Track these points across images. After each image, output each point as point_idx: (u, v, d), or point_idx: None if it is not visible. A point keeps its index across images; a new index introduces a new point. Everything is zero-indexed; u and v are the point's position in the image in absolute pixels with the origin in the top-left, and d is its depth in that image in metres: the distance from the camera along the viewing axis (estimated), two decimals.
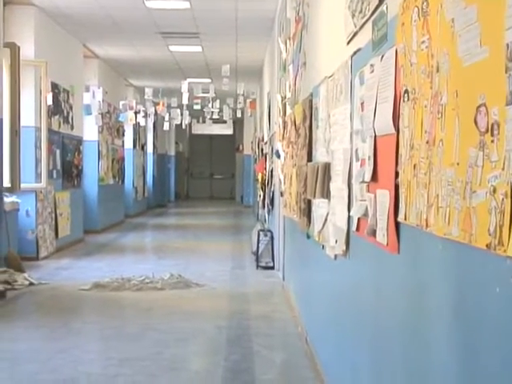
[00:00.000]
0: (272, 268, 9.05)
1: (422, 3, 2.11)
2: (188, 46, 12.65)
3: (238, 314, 6.43)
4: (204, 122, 18.63)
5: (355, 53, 3.34)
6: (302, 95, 5.68)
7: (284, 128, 7.31)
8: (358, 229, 3.17)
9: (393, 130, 2.48)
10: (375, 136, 2.78)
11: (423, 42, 2.10)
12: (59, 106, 10.86)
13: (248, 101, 14.60)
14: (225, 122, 17.88)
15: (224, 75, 11.81)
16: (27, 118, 9.41)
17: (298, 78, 6.18)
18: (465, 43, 1.73)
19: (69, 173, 11.52)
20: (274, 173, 9.35)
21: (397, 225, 2.46)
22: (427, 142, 2.05)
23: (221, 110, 15.48)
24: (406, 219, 2.30)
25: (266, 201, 11.04)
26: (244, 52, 13.11)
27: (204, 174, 30.25)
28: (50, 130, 10.16)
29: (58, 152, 10.83)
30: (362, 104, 3.02)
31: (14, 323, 5.96)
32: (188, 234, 14.15)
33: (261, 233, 9.46)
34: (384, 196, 2.61)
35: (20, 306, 6.81)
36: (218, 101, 14.95)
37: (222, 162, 29.69)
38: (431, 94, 2.01)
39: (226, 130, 27.10)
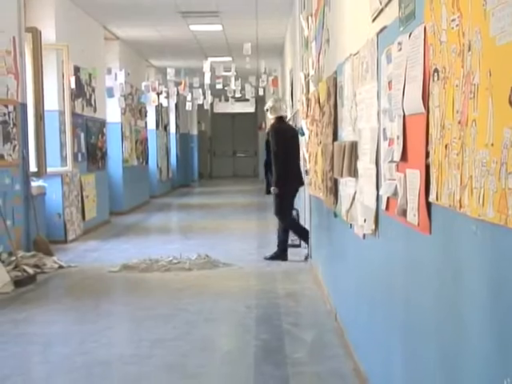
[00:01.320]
0: (298, 246, 9.05)
1: None
2: (208, 25, 12.60)
3: (267, 293, 6.45)
4: (227, 100, 18.59)
5: (381, 30, 3.31)
6: (326, 73, 5.65)
7: (308, 106, 7.27)
8: (387, 208, 3.16)
9: (422, 110, 2.46)
10: (404, 115, 2.76)
11: (453, 20, 2.07)
12: (82, 89, 10.90)
13: (270, 78, 14.54)
14: (247, 100, 17.83)
15: (245, 54, 11.76)
16: (51, 102, 9.47)
17: (321, 56, 6.13)
18: (497, 22, 1.70)
19: (93, 155, 11.59)
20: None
21: (428, 205, 2.45)
22: (459, 123, 2.03)
23: (243, 89, 15.43)
24: (437, 200, 2.29)
25: None
26: (265, 29, 13.03)
27: (227, 153, 30.23)
28: (73, 114, 10.21)
29: (82, 135, 10.89)
30: (390, 83, 3.00)
31: (45, 307, 6.04)
32: (213, 213, 14.18)
33: None
34: (414, 176, 2.59)
35: (51, 290, 6.90)
36: (239, 79, 14.90)
37: (244, 140, 29.63)
38: (463, 74, 1.99)
39: (248, 107, 26.99)
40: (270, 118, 8.51)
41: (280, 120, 8.43)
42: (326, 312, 5.62)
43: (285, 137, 8.17)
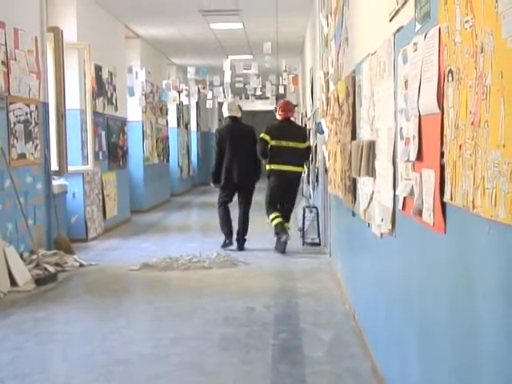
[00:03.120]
0: (318, 245, 9.07)
1: None
2: (229, 24, 12.63)
3: (286, 292, 6.48)
4: (247, 98, 18.63)
5: (398, 30, 3.32)
6: (345, 72, 5.66)
7: (327, 104, 7.29)
8: (403, 208, 3.18)
9: (437, 110, 2.47)
10: (420, 115, 2.77)
11: (467, 21, 2.08)
12: (103, 87, 10.99)
13: (290, 76, 14.56)
14: (267, 98, 17.86)
15: (266, 52, 11.79)
16: (72, 100, 9.56)
17: (340, 54, 6.14)
18: (508, 24, 1.72)
19: (114, 154, 11.68)
20: (318, 149, 9.34)
21: (443, 205, 2.46)
22: (472, 123, 2.04)
23: (263, 87, 15.46)
24: (452, 200, 2.30)
25: (311, 177, 11.04)
26: (285, 27, 13.04)
27: None
28: (94, 112, 10.30)
29: (103, 133, 10.98)
30: (406, 82, 3.01)
31: (66, 305, 6.12)
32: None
33: (306, 209, 9.48)
34: (429, 176, 2.61)
35: (71, 288, 6.97)
36: (260, 77, 14.93)
37: None
38: (476, 75, 2.00)
39: (269, 105, 26.97)
40: (224, 118, 9.40)
41: (232, 120, 9.16)
42: (345, 311, 5.64)
43: (228, 137, 8.96)
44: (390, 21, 3.53)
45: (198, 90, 15.63)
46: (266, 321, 5.47)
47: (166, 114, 16.81)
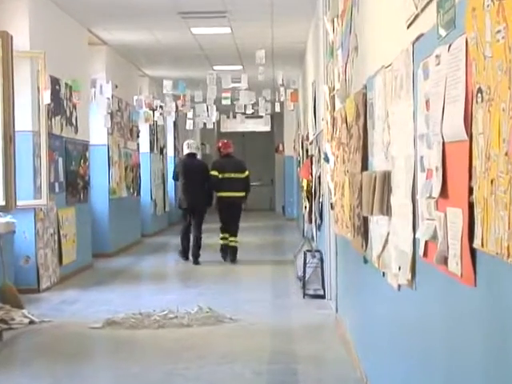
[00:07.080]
0: (322, 297, 9.06)
1: None
2: (214, 28, 12.76)
3: (282, 356, 6.46)
4: (235, 117, 18.72)
5: (417, 39, 3.37)
6: (354, 87, 5.72)
7: (333, 126, 7.34)
8: (425, 254, 3.19)
9: (465, 136, 2.50)
10: (444, 142, 2.80)
11: (499, 31, 2.12)
12: (61, 105, 11.03)
13: (288, 91, 14.65)
14: (260, 117, 17.95)
15: (259, 63, 11.86)
16: (23, 120, 9.57)
17: (348, 66, 6.21)
18: None
19: (74, 185, 11.68)
20: (322, 179, 9.38)
21: (472, 252, 2.47)
22: (506, 154, 2.06)
23: (255, 104, 15.54)
24: (483, 246, 2.32)
25: (314, 214, 11.07)
26: (282, 33, 13.16)
27: None
28: (50, 135, 10.32)
29: (60, 160, 10.99)
30: (427, 102, 3.04)
31: (12, 372, 6.07)
32: (218, 255, 14.18)
33: (308, 254, 9.49)
34: (456, 216, 2.63)
35: (19, 351, 6.94)
36: (253, 93, 15.02)
37: (258, 165, 29.63)
38: (510, 96, 2.03)
39: (263, 126, 27.15)
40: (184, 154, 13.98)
41: (189, 156, 13.42)
42: (356, 379, 5.62)
43: (183, 170, 13.09)
44: (408, 27, 3.58)
45: (176, 108, 15.71)
46: None
47: (137, 136, 16.87)
